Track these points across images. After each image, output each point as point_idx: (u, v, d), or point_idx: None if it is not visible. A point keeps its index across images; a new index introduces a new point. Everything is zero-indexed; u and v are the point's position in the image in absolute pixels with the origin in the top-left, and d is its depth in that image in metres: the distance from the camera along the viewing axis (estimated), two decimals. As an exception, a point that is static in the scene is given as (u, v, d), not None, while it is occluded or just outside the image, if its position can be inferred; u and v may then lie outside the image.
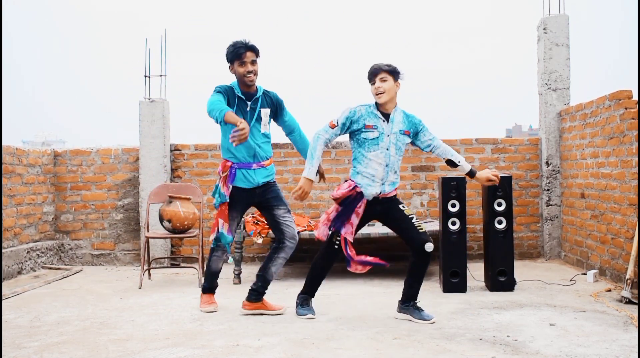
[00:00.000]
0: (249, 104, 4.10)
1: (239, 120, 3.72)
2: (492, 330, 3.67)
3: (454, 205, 4.84)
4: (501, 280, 4.80)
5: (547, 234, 6.31)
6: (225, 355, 3.27)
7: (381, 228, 5.75)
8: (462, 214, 4.85)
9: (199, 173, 6.55)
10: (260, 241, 5.37)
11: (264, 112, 4.15)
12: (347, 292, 4.86)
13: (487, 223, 4.93)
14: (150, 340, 3.58)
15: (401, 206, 3.96)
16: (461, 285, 4.80)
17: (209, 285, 4.36)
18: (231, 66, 4.09)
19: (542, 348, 3.29)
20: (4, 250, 5.62)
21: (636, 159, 4.58)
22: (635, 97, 4.87)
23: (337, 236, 3.89)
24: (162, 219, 5.34)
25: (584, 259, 5.63)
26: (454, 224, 4.85)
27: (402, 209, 3.95)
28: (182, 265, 6.26)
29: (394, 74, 3.87)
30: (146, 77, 6.47)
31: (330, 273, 5.76)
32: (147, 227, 5.56)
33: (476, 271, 5.42)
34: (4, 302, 4.64)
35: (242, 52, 4.02)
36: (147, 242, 5.51)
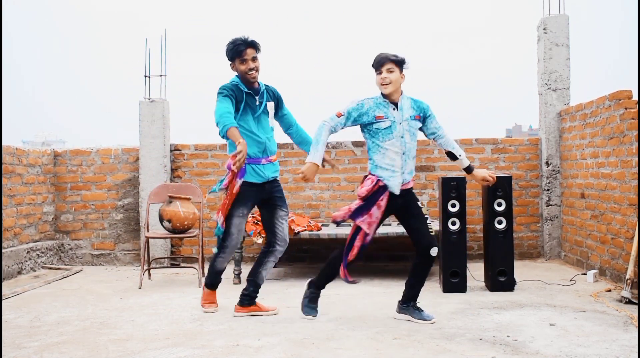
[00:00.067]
0: (257, 98, 4.07)
1: (239, 140, 3.70)
2: (492, 330, 3.67)
3: (454, 205, 4.84)
4: (501, 280, 4.80)
5: (547, 234, 6.31)
6: (225, 355, 3.27)
7: (381, 228, 5.73)
8: (462, 214, 4.85)
9: (199, 173, 6.55)
10: (260, 241, 5.37)
11: (269, 106, 4.15)
12: (347, 292, 4.86)
13: (487, 223, 4.93)
14: (150, 340, 3.58)
15: (419, 204, 3.98)
16: (461, 285, 4.80)
17: (212, 282, 4.29)
18: (232, 64, 4.05)
19: (542, 348, 3.29)
20: (4, 250, 5.62)
21: (636, 159, 4.58)
22: (635, 97, 4.87)
23: (365, 244, 3.82)
24: (162, 219, 5.34)
25: (584, 259, 5.63)
26: (454, 224, 4.85)
27: (420, 207, 3.96)
28: (182, 265, 6.27)
29: (401, 65, 3.85)
30: (146, 77, 6.47)
31: (330, 273, 5.78)
32: (147, 227, 5.56)
33: (476, 271, 5.42)
34: (4, 302, 4.64)
35: (242, 50, 3.97)
36: (147, 242, 5.51)
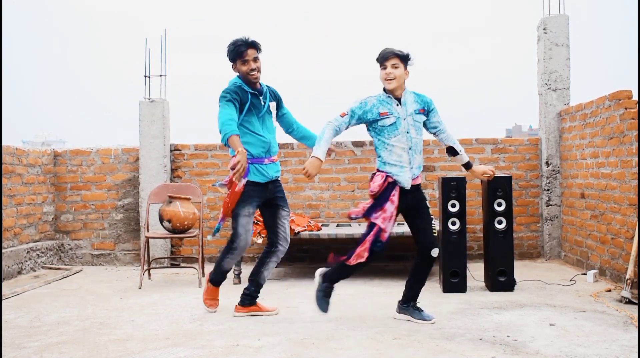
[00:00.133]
0: (261, 98, 4.07)
1: (239, 149, 3.71)
2: (492, 330, 3.67)
3: (454, 205, 4.84)
4: (501, 280, 4.80)
5: (547, 234, 6.31)
6: (225, 355, 3.27)
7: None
8: (462, 214, 4.85)
9: (199, 173, 6.55)
10: (260, 241, 5.37)
11: (272, 106, 4.15)
12: (347, 292, 4.86)
13: (487, 223, 4.93)
14: (150, 340, 3.58)
15: (428, 203, 3.99)
16: (461, 285, 4.80)
17: (218, 279, 4.24)
18: (234, 65, 4.05)
19: (542, 348, 3.29)
20: (4, 250, 5.62)
21: (636, 159, 4.58)
22: (635, 97, 4.87)
23: (380, 240, 3.78)
24: (162, 220, 5.34)
25: (584, 259, 5.63)
26: (454, 224, 4.84)
27: (428, 207, 3.97)
28: (182, 265, 6.27)
29: (406, 60, 3.84)
30: (146, 77, 6.47)
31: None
32: (147, 227, 5.56)
33: (476, 271, 5.42)
34: (4, 302, 4.64)
35: (243, 51, 3.97)
36: (147, 242, 5.51)
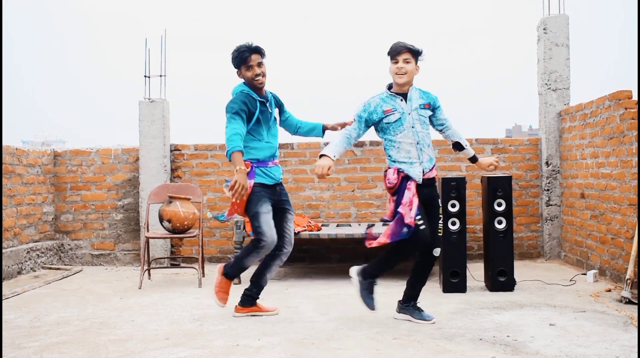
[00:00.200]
0: (267, 106, 4.08)
1: (238, 167, 3.74)
2: (492, 330, 3.67)
3: (454, 205, 4.84)
4: (501, 280, 4.80)
5: (547, 234, 6.31)
6: (225, 355, 3.27)
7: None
8: (462, 214, 4.85)
9: (199, 173, 6.55)
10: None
11: (276, 112, 4.18)
12: (347, 292, 4.85)
13: (487, 223, 4.93)
14: (150, 340, 3.58)
15: (439, 202, 4.01)
16: (461, 285, 4.80)
17: (234, 274, 4.10)
18: (239, 71, 4.05)
19: (542, 348, 3.29)
20: (4, 250, 5.62)
21: (636, 159, 4.58)
22: (635, 97, 4.87)
23: (419, 220, 3.72)
24: (162, 220, 5.34)
25: (584, 259, 5.63)
26: (454, 224, 4.84)
27: (438, 206, 3.98)
28: (182, 265, 6.27)
29: (417, 56, 3.85)
30: (146, 77, 6.47)
31: (329, 273, 5.79)
32: (147, 227, 5.56)
33: (476, 272, 5.42)
34: (4, 302, 4.64)
35: (247, 56, 3.97)
36: (147, 242, 5.51)
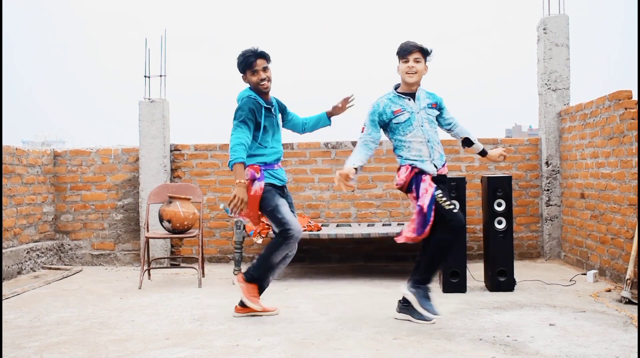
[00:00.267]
0: (273, 112, 4.09)
1: (238, 180, 3.78)
2: (492, 330, 3.67)
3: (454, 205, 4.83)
4: (501, 280, 4.80)
5: (547, 234, 6.31)
6: (225, 355, 3.27)
7: (381, 228, 5.74)
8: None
9: (199, 173, 6.55)
10: (260, 242, 5.37)
11: (279, 117, 4.19)
12: (347, 292, 4.86)
13: (487, 223, 4.93)
14: (150, 340, 3.58)
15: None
16: (461, 285, 4.80)
17: (261, 277, 4.04)
18: (244, 76, 4.06)
19: (542, 348, 3.29)
20: (4, 250, 5.62)
21: (636, 159, 4.58)
22: (635, 97, 4.87)
23: (449, 204, 3.73)
24: (162, 220, 5.34)
25: (583, 259, 5.63)
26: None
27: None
28: (182, 265, 6.27)
29: (426, 56, 3.85)
30: (146, 77, 6.48)
31: (329, 273, 5.79)
32: (147, 227, 5.56)
33: (476, 272, 5.42)
34: (4, 302, 4.64)
35: (253, 61, 3.97)
36: (147, 242, 5.51)
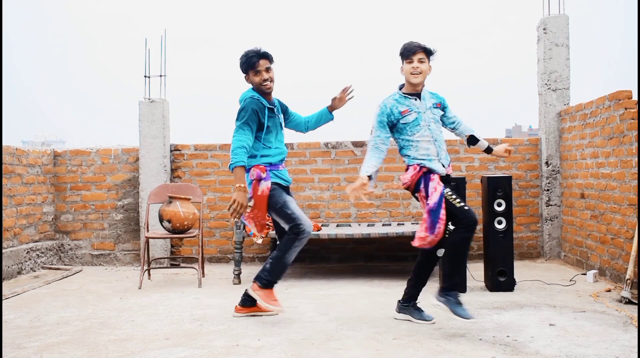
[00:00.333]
0: (276, 113, 4.09)
1: (238, 184, 3.80)
2: (492, 330, 3.67)
3: (453, 205, 4.83)
4: (501, 280, 4.80)
5: (547, 234, 6.31)
6: (225, 355, 3.27)
7: (381, 228, 5.74)
8: (462, 215, 4.84)
9: (199, 173, 6.55)
10: (260, 242, 5.33)
11: (281, 118, 4.19)
12: (347, 292, 4.86)
13: (487, 223, 4.93)
14: (150, 340, 3.58)
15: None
16: (461, 286, 4.77)
17: (276, 280, 4.03)
18: (247, 76, 4.06)
19: (542, 348, 3.29)
20: (4, 250, 5.62)
21: (636, 159, 4.58)
22: (635, 97, 4.87)
23: (459, 202, 3.67)
24: (162, 220, 5.34)
25: (583, 259, 5.63)
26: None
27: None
28: (182, 265, 6.27)
29: (430, 56, 3.83)
30: (146, 77, 6.48)
31: (329, 273, 5.79)
32: (147, 227, 5.56)
33: (476, 272, 5.42)
34: (4, 302, 4.64)
35: (256, 61, 3.97)
36: (147, 242, 5.51)
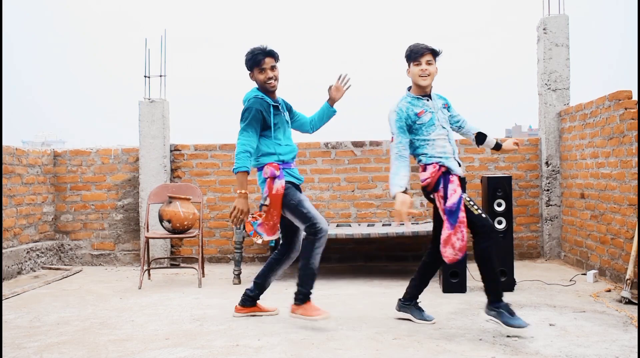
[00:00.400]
0: (281, 110, 4.07)
1: (239, 190, 3.82)
2: (492, 330, 3.67)
3: (453, 205, 4.83)
4: (501, 280, 4.79)
5: (547, 234, 6.31)
6: (225, 355, 3.27)
7: (381, 228, 5.74)
8: (462, 215, 4.84)
9: (199, 173, 6.55)
10: (260, 242, 5.34)
11: (287, 116, 4.17)
12: (347, 292, 4.86)
13: (487, 223, 4.92)
14: (150, 340, 3.58)
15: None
16: (461, 285, 4.79)
17: (309, 288, 3.88)
18: (251, 74, 4.04)
19: (542, 348, 3.29)
20: (4, 250, 5.62)
21: (636, 159, 4.58)
22: (635, 97, 4.87)
23: (477, 209, 3.64)
24: (161, 220, 5.34)
25: (583, 259, 5.63)
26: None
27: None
28: (182, 265, 6.27)
29: (436, 57, 3.82)
30: (146, 77, 6.48)
31: (329, 273, 5.79)
32: (147, 227, 5.56)
33: (476, 272, 5.39)
34: (4, 302, 4.64)
35: (261, 59, 3.95)
36: (147, 242, 5.51)
